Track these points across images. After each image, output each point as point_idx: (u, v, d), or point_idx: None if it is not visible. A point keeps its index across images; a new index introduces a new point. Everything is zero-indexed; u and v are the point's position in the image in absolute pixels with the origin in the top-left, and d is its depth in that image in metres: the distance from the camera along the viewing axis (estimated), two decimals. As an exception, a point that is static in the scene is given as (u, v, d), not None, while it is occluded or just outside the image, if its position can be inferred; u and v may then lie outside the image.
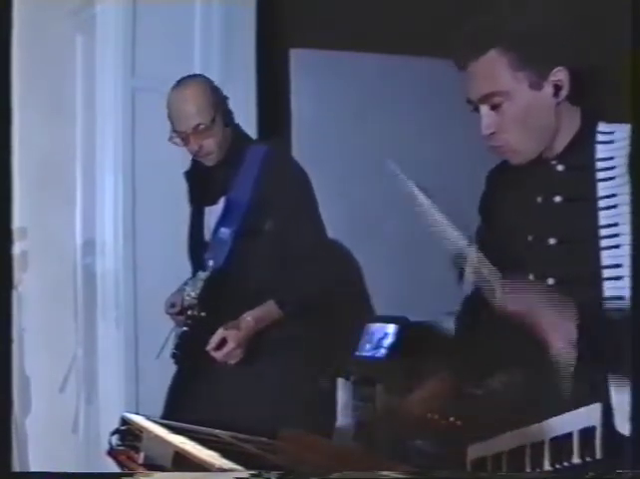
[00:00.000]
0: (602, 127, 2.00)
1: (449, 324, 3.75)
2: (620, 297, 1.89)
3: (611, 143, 1.97)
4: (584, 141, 1.99)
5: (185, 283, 3.02)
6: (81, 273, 4.01)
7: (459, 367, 2.22)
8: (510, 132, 1.97)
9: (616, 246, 1.91)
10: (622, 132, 1.96)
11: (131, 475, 1.88)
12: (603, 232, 1.92)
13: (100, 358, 3.81)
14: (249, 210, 2.98)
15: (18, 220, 2.42)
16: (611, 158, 1.96)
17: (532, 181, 2.05)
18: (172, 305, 3.02)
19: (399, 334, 4.05)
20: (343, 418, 3.26)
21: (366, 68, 4.25)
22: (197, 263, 3.07)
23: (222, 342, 2.91)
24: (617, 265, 1.90)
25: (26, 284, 3.78)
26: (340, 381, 3.97)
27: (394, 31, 3.96)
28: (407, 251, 4.30)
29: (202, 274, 2.97)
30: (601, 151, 1.98)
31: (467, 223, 2.31)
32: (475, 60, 1.96)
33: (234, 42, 3.92)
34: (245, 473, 1.63)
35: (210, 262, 2.99)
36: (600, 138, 1.99)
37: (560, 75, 1.95)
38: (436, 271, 4.27)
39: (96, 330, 3.85)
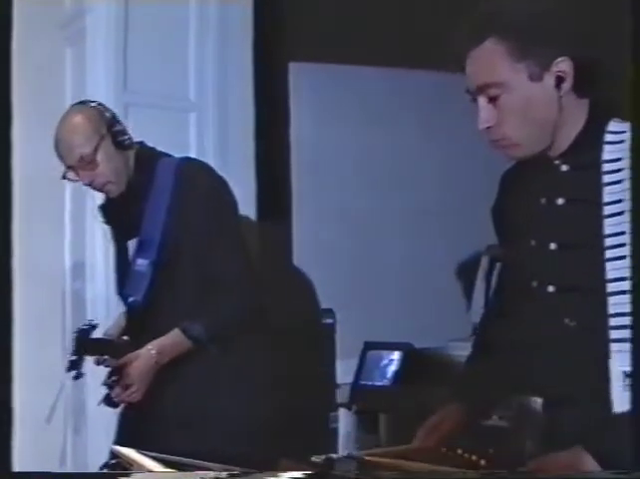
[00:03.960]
0: (613, 126, 1.87)
1: (454, 351, 3.65)
2: (624, 314, 1.75)
3: (620, 143, 1.84)
4: (591, 139, 1.87)
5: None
6: (70, 298, 3.94)
7: (469, 396, 2.13)
8: (509, 125, 1.85)
9: (622, 258, 1.77)
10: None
11: (127, 475, 1.88)
12: (608, 241, 1.79)
13: (89, 387, 3.67)
14: (164, 237, 2.78)
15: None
16: (619, 159, 1.83)
17: (537, 181, 1.95)
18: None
19: (404, 361, 3.96)
20: (345, 450, 3.15)
21: (366, 81, 4.25)
22: (124, 300, 2.92)
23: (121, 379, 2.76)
24: (622, 279, 1.76)
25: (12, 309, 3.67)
26: (342, 411, 3.85)
27: (394, 44, 3.96)
28: (412, 276, 4.25)
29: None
30: (609, 152, 1.85)
31: (469, 236, 2.23)
32: (472, 48, 1.86)
33: (231, 55, 3.86)
34: (224, 474, 1.64)
35: (130, 299, 2.84)
36: (609, 138, 1.86)
37: (563, 66, 1.83)
38: (442, 297, 4.25)
39: (84, 358, 3.74)
